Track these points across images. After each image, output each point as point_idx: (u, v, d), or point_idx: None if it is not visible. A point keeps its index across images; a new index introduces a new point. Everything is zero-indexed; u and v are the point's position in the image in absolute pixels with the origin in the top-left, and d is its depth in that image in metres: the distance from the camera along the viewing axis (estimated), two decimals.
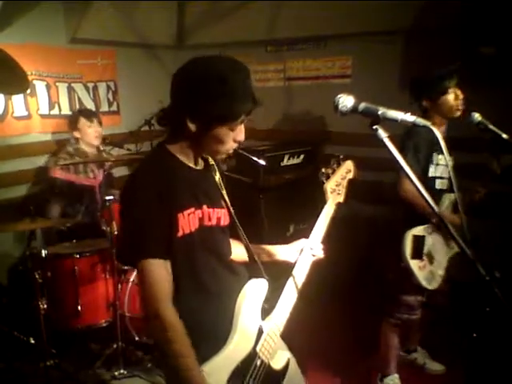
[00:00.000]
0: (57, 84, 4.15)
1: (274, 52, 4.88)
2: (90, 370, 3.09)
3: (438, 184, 2.69)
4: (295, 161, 4.34)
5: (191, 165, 1.60)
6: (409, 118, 1.17)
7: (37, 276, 2.88)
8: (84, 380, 3.01)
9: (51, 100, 4.11)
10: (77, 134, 3.66)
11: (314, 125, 4.67)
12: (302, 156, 4.37)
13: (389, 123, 1.20)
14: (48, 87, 4.07)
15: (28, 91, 3.71)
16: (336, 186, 1.83)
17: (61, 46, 4.15)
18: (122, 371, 3.01)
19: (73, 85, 4.29)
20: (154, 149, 1.67)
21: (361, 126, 1.33)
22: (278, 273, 1.75)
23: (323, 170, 1.86)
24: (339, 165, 1.86)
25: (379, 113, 1.20)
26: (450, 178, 2.66)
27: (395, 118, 1.18)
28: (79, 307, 3.03)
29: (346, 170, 1.87)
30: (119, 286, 3.11)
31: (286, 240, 1.88)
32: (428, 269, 2.72)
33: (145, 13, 4.49)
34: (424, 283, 2.70)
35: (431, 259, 2.75)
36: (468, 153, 3.36)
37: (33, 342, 3.12)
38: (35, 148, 4.00)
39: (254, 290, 1.65)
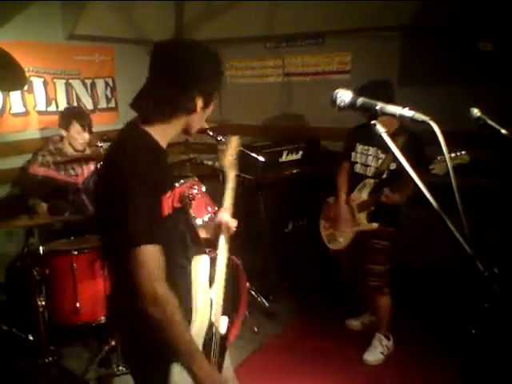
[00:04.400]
0: (54, 81, 4.13)
1: (273, 48, 4.87)
2: (89, 366, 3.09)
3: (357, 168, 3.27)
4: (294, 157, 4.34)
5: (164, 146, 1.60)
6: (407, 112, 1.16)
7: (35, 273, 2.88)
8: (83, 377, 3.01)
9: (48, 97, 4.09)
10: (64, 133, 3.60)
11: (312, 121, 4.66)
12: (300, 152, 4.37)
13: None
14: (45, 84, 4.06)
15: (25, 88, 3.70)
16: (230, 160, 2.08)
17: (58, 43, 4.13)
18: (121, 368, 3.01)
19: (70, 81, 4.28)
20: (129, 129, 1.60)
21: (360, 121, 1.33)
22: None
23: (219, 148, 2.14)
24: (229, 142, 2.11)
25: (377, 108, 1.20)
26: (377, 168, 3.17)
27: (393, 112, 1.18)
28: (78, 304, 3.03)
29: (235, 145, 2.12)
30: None
31: (284, 236, 1.90)
32: (329, 231, 3.42)
33: (143, 9, 4.47)
34: (324, 240, 3.46)
35: (335, 225, 3.36)
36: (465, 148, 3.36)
37: (31, 338, 3.12)
38: (33, 145, 3.98)
39: (202, 266, 1.70)
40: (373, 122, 1.19)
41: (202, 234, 2.11)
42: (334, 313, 3.78)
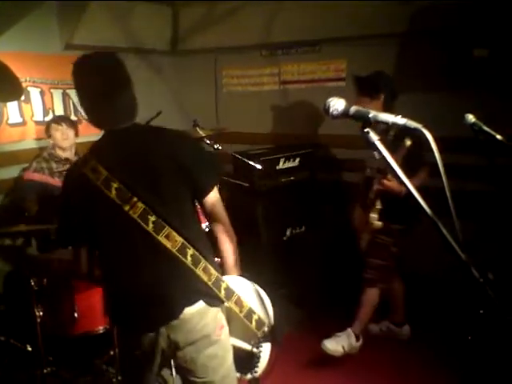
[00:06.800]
0: (51, 90, 4.14)
1: (269, 56, 4.89)
2: (88, 376, 3.08)
3: (367, 172, 3.23)
4: (291, 164, 4.34)
5: None
6: (399, 120, 1.17)
7: (32, 283, 2.87)
8: None
9: (45, 106, 4.10)
10: (50, 140, 3.72)
11: (309, 128, 4.68)
12: (297, 159, 4.37)
13: None
14: (42, 94, 4.07)
15: (22, 98, 3.71)
16: None
17: (55, 53, 4.14)
18: (119, 378, 3.00)
19: (68, 91, 4.28)
20: (142, 125, 2.14)
21: (356, 128, 1.34)
22: None
23: None
24: None
25: (370, 116, 1.20)
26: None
27: (386, 120, 1.18)
28: (76, 314, 3.01)
29: None
30: None
31: (282, 243, 1.91)
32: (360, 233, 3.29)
33: (139, 18, 4.49)
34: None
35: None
36: (460, 153, 3.38)
37: (29, 349, 3.10)
38: (30, 154, 3.98)
39: None
40: (366, 129, 1.20)
41: None
42: (334, 319, 3.77)
